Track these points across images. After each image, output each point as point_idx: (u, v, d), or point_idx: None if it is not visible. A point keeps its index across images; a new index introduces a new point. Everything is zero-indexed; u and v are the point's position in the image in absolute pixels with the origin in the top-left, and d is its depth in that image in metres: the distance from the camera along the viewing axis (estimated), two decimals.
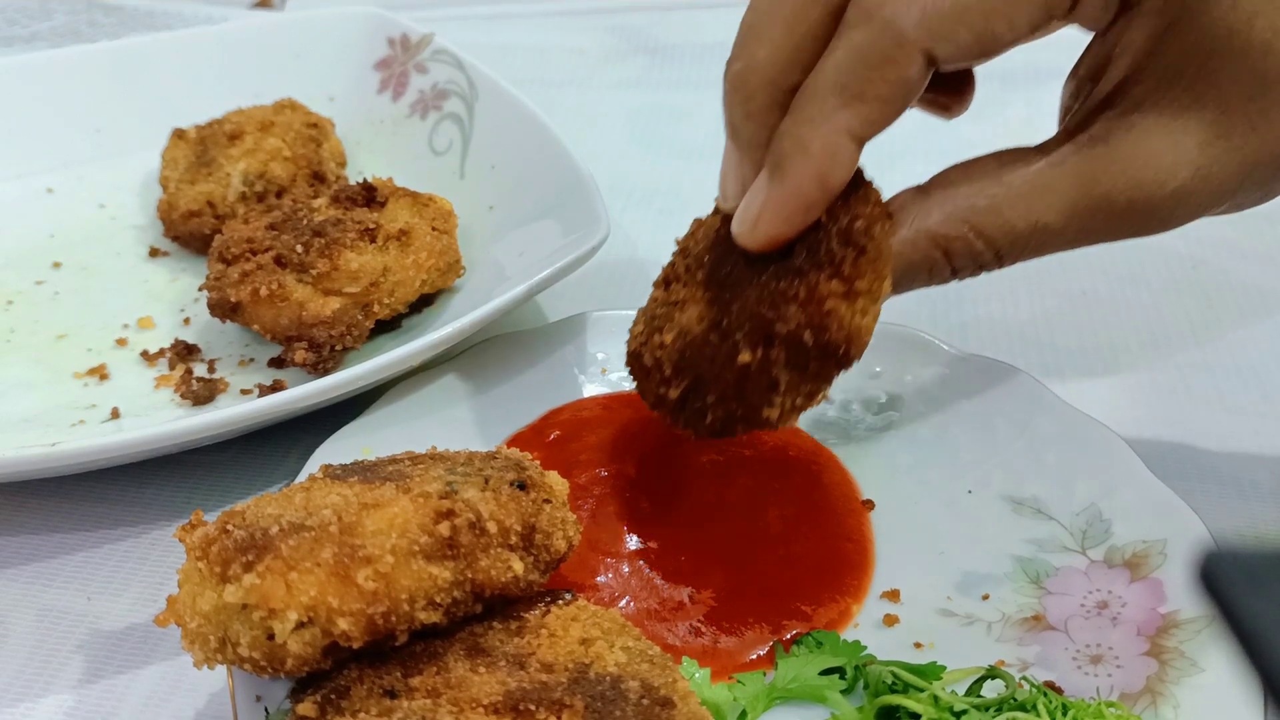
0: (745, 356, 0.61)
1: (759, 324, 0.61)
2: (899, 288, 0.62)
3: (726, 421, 0.65)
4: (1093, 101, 0.62)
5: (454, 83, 1.11)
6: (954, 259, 0.62)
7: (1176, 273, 1.01)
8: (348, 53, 1.18)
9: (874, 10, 0.55)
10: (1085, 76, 0.64)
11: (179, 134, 1.06)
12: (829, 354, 0.60)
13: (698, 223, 0.71)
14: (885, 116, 0.57)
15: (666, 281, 0.70)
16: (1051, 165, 0.61)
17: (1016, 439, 0.76)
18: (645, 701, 0.52)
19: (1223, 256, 1.02)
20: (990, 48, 0.56)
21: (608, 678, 0.53)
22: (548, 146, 0.98)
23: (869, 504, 0.75)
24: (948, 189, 0.62)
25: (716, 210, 0.68)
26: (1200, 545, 0.66)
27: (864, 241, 0.59)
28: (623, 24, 1.50)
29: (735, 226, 0.62)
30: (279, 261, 0.85)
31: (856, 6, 0.56)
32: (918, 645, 0.66)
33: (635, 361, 0.70)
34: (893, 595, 0.69)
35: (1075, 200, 0.60)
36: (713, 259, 0.66)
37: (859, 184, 0.61)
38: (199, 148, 1.04)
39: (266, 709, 0.58)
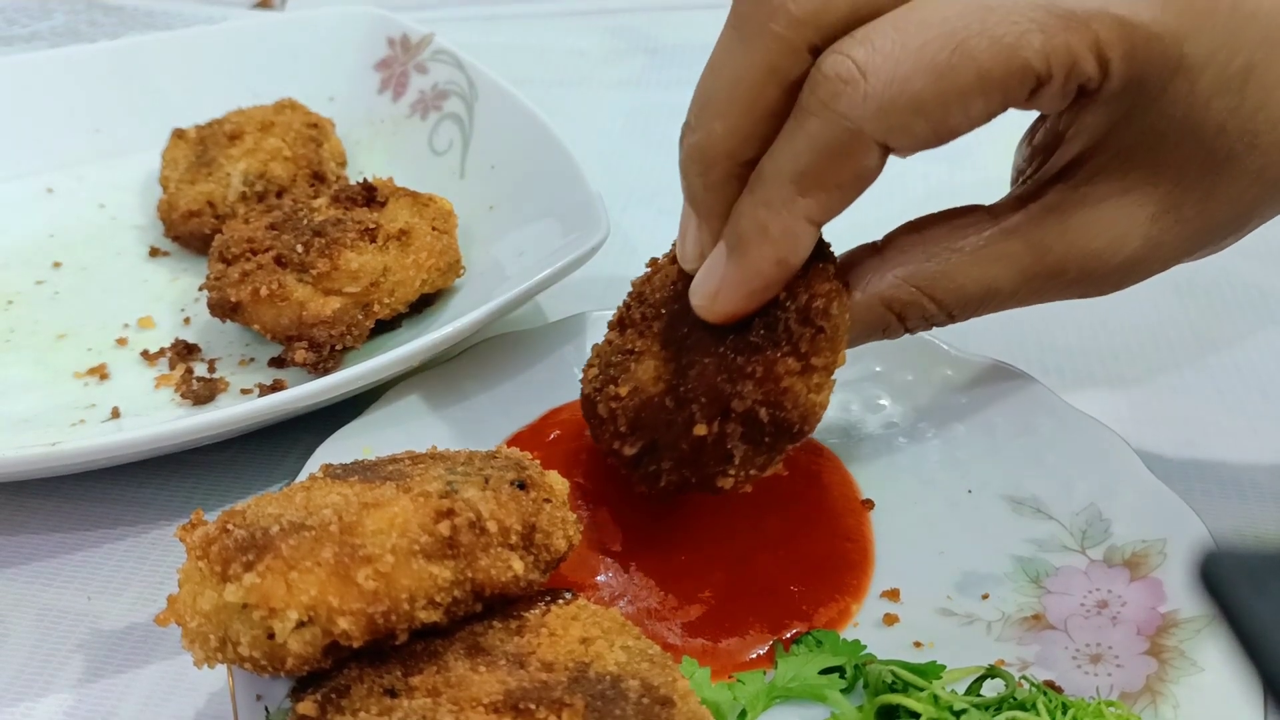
0: (701, 429, 0.63)
1: (716, 398, 0.62)
2: (852, 344, 0.64)
3: (681, 486, 0.66)
4: (1046, 173, 0.63)
5: (454, 83, 1.11)
6: (907, 320, 0.64)
7: (1176, 272, 1.00)
8: (348, 53, 1.18)
9: (829, 101, 0.54)
10: (1039, 146, 0.66)
11: (179, 134, 1.07)
12: (784, 430, 0.62)
13: (654, 265, 0.72)
14: (844, 201, 0.58)
15: (622, 325, 0.71)
16: (1004, 233, 0.62)
17: (1016, 439, 0.76)
18: (645, 700, 0.52)
19: (1223, 256, 1.02)
20: (946, 137, 0.56)
21: (608, 677, 0.53)
22: (548, 146, 0.98)
23: (869, 504, 0.75)
24: (900, 252, 0.64)
25: (674, 258, 0.68)
26: (1200, 545, 0.66)
27: (822, 322, 0.61)
28: (622, 24, 1.50)
29: (694, 298, 0.63)
30: (279, 261, 0.85)
31: (811, 94, 0.55)
32: (917, 644, 0.66)
33: (589, 407, 0.71)
34: (892, 595, 0.69)
35: (1027, 266, 0.62)
36: (669, 314, 0.67)
37: (819, 253, 0.61)
38: (199, 148, 1.04)
39: (267, 708, 0.58)
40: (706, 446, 0.63)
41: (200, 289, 0.90)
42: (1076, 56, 0.54)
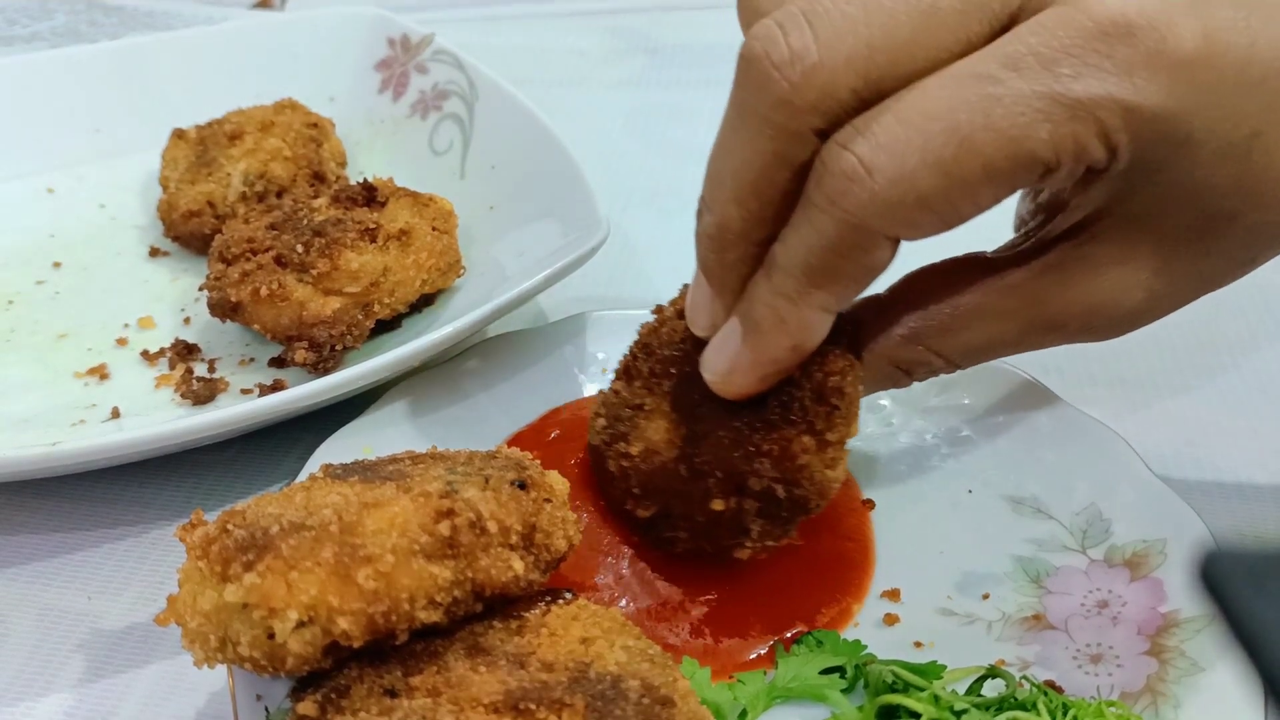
0: (718, 505, 0.64)
1: (732, 474, 0.64)
2: (862, 395, 0.65)
3: (695, 553, 0.68)
4: (1050, 232, 0.63)
5: (454, 83, 1.11)
6: (913, 373, 0.66)
7: None
8: (348, 53, 1.18)
9: (836, 198, 0.54)
10: (1043, 204, 0.66)
11: (179, 134, 1.06)
12: (800, 506, 0.64)
13: (660, 316, 0.71)
14: (858, 289, 0.59)
15: (629, 375, 0.70)
16: (1007, 289, 0.63)
17: (1016, 439, 0.76)
18: (645, 701, 0.52)
19: None
20: (956, 224, 0.56)
21: (608, 677, 0.53)
22: (548, 146, 0.98)
23: (869, 503, 0.75)
24: (904, 309, 0.65)
25: (681, 312, 0.68)
26: (1200, 545, 0.66)
27: (836, 400, 0.62)
28: (622, 24, 1.50)
29: (706, 373, 0.64)
30: (279, 261, 0.85)
31: (818, 189, 0.55)
32: (918, 644, 0.66)
33: (598, 459, 0.71)
34: (893, 595, 0.69)
35: (1029, 320, 0.63)
36: (680, 375, 0.67)
37: (833, 328, 0.61)
38: (199, 148, 1.04)
39: (267, 708, 0.58)
40: (723, 520, 0.65)
41: (200, 289, 0.90)
42: (1085, 145, 0.53)
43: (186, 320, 0.94)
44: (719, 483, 0.64)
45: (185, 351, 0.89)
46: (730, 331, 0.62)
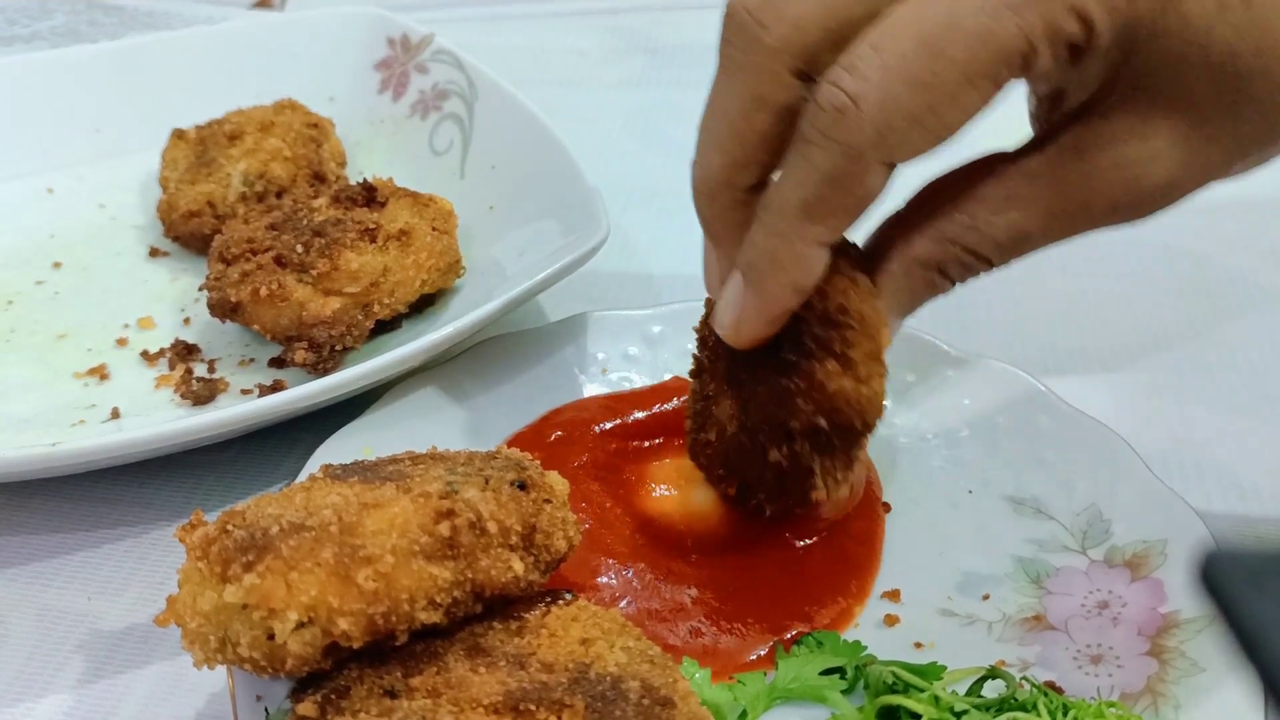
0: (774, 455, 0.65)
1: (775, 424, 0.64)
2: (908, 311, 0.64)
3: (785, 512, 0.70)
4: (1059, 115, 0.63)
5: (454, 83, 1.11)
6: (949, 272, 0.64)
7: (1177, 270, 1.01)
8: (348, 53, 1.18)
9: (828, 131, 0.55)
10: (1047, 96, 0.65)
11: (179, 134, 1.06)
12: (848, 431, 0.63)
13: (709, 304, 0.71)
14: (851, 220, 0.59)
15: (699, 371, 0.72)
16: (1027, 179, 0.62)
17: (1016, 439, 0.76)
18: (646, 701, 0.52)
19: (1224, 254, 1.02)
20: (948, 135, 0.56)
21: (608, 678, 0.53)
22: (548, 146, 0.98)
23: (886, 507, 0.75)
24: (924, 214, 0.64)
25: None
26: (1200, 545, 0.66)
27: (842, 317, 0.61)
28: (622, 24, 1.50)
29: (718, 328, 0.64)
30: (279, 261, 0.85)
31: (811, 126, 0.56)
32: (918, 645, 0.66)
33: (694, 459, 0.73)
34: (893, 595, 0.69)
35: (1052, 204, 0.61)
36: (727, 353, 0.68)
37: (837, 259, 0.62)
38: (199, 148, 1.04)
39: (266, 709, 0.58)
40: (785, 470, 0.65)
41: (200, 289, 0.90)
42: (1056, 23, 0.53)
43: (186, 320, 0.94)
44: (769, 436, 0.65)
45: (185, 352, 0.89)
46: (733, 283, 0.62)
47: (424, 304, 0.91)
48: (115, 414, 0.83)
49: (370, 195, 0.90)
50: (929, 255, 0.63)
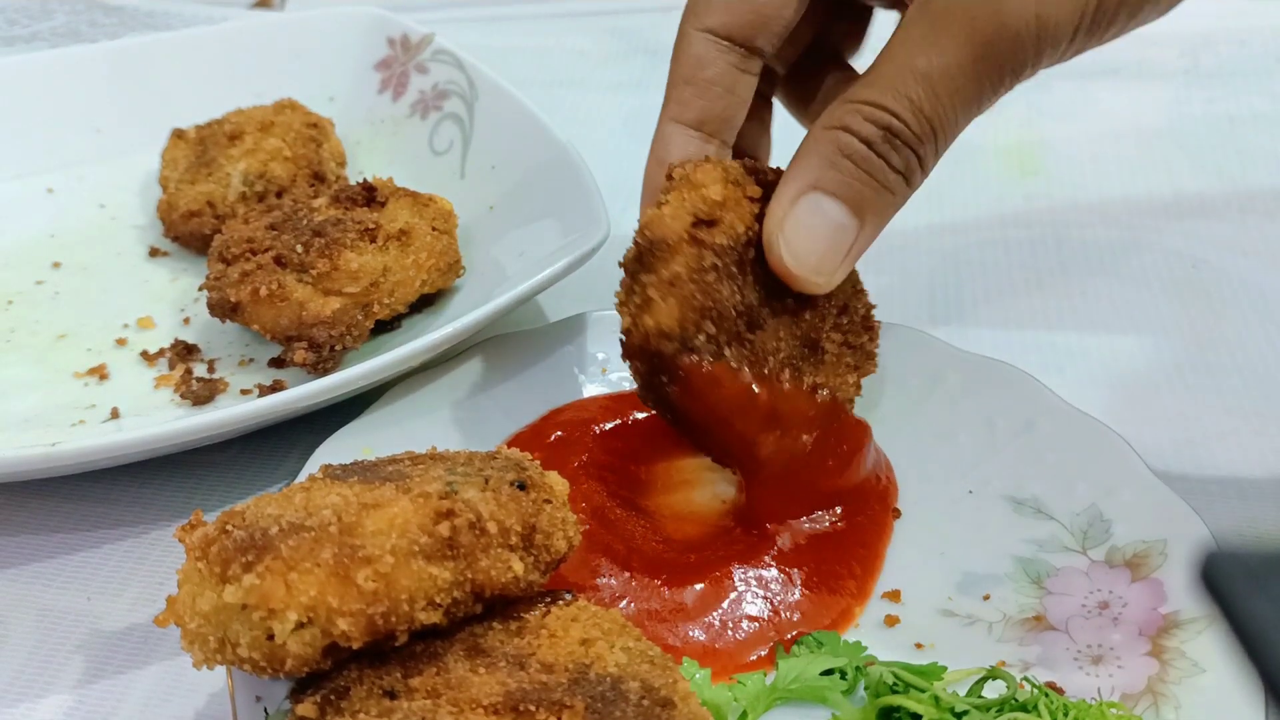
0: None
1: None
2: (827, 178, 0.64)
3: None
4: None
5: (454, 83, 1.11)
6: (855, 129, 0.63)
7: (1176, 272, 1.01)
8: (348, 53, 1.18)
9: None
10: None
11: (179, 134, 1.06)
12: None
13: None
14: (696, 95, 0.73)
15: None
16: (908, 25, 0.63)
17: (1016, 439, 0.76)
18: (645, 702, 0.51)
19: (1223, 255, 1.02)
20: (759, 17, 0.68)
21: (608, 678, 0.53)
22: (548, 146, 0.98)
23: (896, 513, 0.74)
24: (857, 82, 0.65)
25: None
26: (1200, 545, 0.66)
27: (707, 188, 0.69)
28: (622, 25, 1.50)
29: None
30: (279, 261, 0.85)
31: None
32: (919, 646, 0.66)
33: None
34: (894, 596, 0.69)
35: (971, 39, 0.61)
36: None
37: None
38: (199, 148, 1.04)
39: (266, 709, 0.58)
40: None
41: (200, 289, 0.90)
42: None
43: (186, 320, 0.94)
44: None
45: (185, 352, 0.89)
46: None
47: (424, 304, 0.91)
48: (115, 414, 0.83)
49: (370, 195, 0.90)
50: (831, 118, 0.64)
